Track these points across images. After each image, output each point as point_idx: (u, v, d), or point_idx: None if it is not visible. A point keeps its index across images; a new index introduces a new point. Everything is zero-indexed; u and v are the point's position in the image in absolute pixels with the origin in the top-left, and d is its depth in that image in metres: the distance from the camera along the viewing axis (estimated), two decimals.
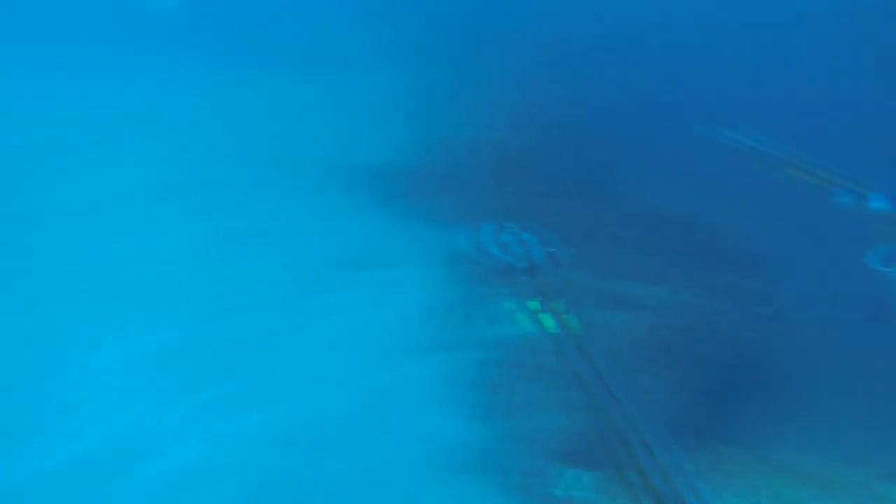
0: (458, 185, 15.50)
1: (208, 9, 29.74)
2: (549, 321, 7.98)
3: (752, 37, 24.04)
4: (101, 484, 8.68)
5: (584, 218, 13.21)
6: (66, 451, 9.23)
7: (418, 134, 18.36)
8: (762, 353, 10.15)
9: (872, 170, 14.24)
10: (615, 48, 23.93)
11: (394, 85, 21.82)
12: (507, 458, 8.47)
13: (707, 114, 18.65)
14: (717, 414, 8.93)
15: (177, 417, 9.74)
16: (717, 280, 11.78)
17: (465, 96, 20.17)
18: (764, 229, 13.36)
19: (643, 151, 16.73)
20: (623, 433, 8.52)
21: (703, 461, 7.95)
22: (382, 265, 13.16)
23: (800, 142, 16.24)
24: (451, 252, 13.21)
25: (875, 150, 15.46)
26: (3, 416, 9.86)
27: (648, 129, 17.96)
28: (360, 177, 16.64)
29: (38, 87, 24.37)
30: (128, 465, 8.94)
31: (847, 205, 12.64)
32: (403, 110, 19.88)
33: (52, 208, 15.92)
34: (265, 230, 14.64)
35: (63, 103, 22.96)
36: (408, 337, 11.09)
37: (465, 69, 22.68)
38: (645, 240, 12.86)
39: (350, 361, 10.65)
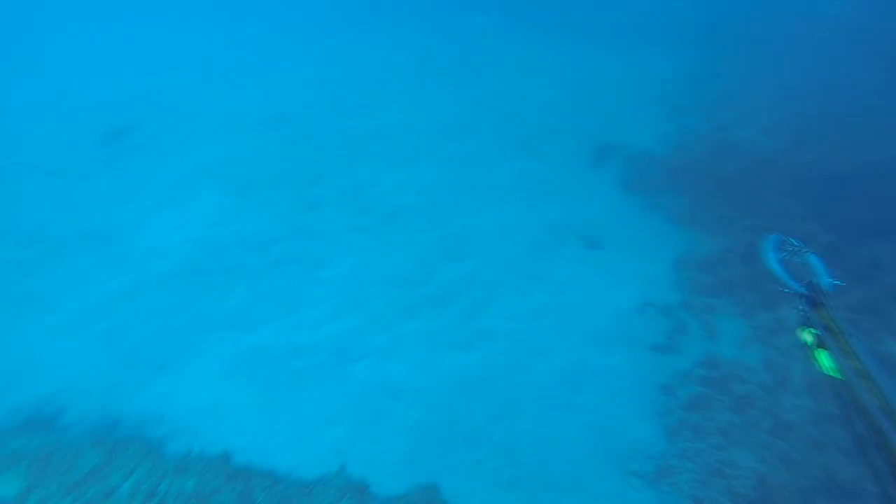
0: (715, 186, 14.09)
1: None
2: (823, 358, 6.68)
3: None
4: (320, 370, 10.21)
5: (860, 257, 11.04)
6: (305, 335, 11.00)
7: (682, 125, 17.01)
8: None
9: None
10: None
11: (669, 72, 20.37)
12: (683, 480, 7.86)
13: None
14: None
15: (389, 335, 10.88)
16: None
17: (742, 93, 17.94)
18: None
19: None
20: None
21: None
22: (613, 249, 12.75)
23: None
24: (693, 252, 12.25)
25: None
26: (265, 292, 12.07)
27: None
28: (613, 157, 16.10)
29: (359, 38, 27.93)
30: (344, 361, 10.34)
31: None
32: (672, 99, 18.51)
33: (340, 134, 18.44)
34: (511, 187, 15.10)
35: (376, 47, 26.05)
36: (618, 326, 10.72)
37: (746, 62, 20.08)
38: None
39: (556, 333, 10.68)
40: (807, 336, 6.07)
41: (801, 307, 6.50)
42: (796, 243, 7.26)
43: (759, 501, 7.31)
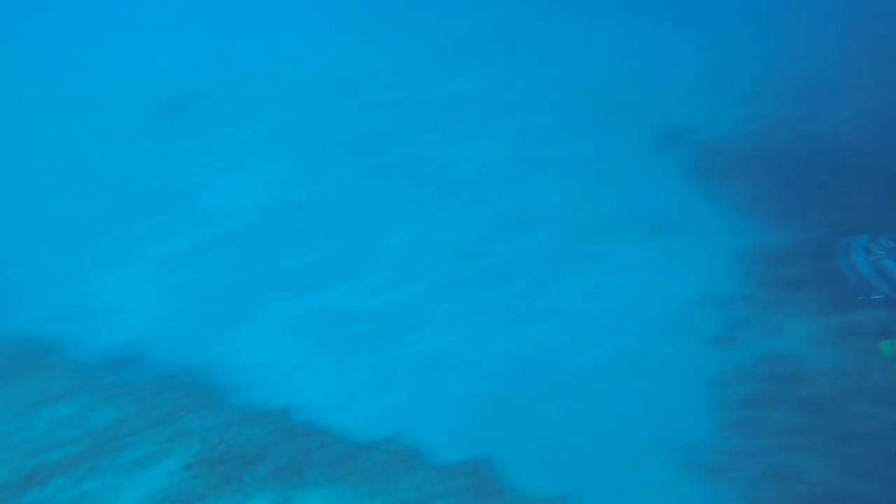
0: (790, 177, 13.29)
1: None
2: None
3: None
4: (375, 336, 10.26)
5: None
6: (362, 300, 11.08)
7: (757, 111, 16.04)
8: None
9: None
10: None
11: (744, 53, 19.17)
12: (739, 478, 7.56)
13: None
14: None
15: (447, 306, 10.82)
16: None
17: (828, 79, 16.70)
18: None
19: None
20: None
21: None
22: (676, 236, 12.27)
23: None
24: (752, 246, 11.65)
25: None
26: (324, 256, 12.15)
27: None
28: (681, 142, 15.41)
29: None
30: (398, 331, 10.37)
31: None
32: (747, 82, 17.46)
33: (404, 104, 18.30)
34: (574, 167, 14.69)
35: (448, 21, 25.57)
36: (678, 315, 10.35)
37: (834, 44, 18.58)
38: None
39: (613, 317, 10.41)
40: (891, 347, 5.56)
41: (884, 314, 5.93)
42: (889, 244, 6.64)
43: None
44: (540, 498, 7.48)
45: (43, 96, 20.66)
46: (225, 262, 12.20)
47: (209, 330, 10.46)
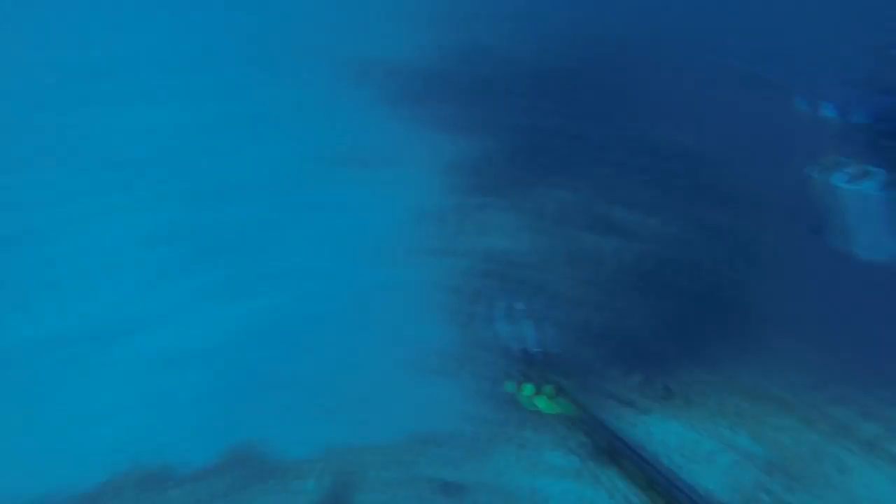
0: (470, 93, 13.78)
1: None
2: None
3: None
4: (80, 360, 8.04)
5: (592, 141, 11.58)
6: (48, 325, 8.51)
7: (441, 37, 16.22)
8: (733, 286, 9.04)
9: None
10: None
11: None
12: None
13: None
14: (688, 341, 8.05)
15: (160, 300, 8.91)
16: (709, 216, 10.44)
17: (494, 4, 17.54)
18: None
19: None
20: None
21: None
22: (381, 165, 11.88)
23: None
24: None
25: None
26: None
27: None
28: (372, 73, 14.89)
29: None
30: (107, 343, 8.25)
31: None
32: (430, 9, 17.50)
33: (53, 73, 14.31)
34: (266, 117, 13.06)
35: None
36: (398, 239, 10.10)
37: None
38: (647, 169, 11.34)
39: (338, 258, 9.62)
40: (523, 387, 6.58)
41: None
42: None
43: None
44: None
45: None
46: None
47: None
